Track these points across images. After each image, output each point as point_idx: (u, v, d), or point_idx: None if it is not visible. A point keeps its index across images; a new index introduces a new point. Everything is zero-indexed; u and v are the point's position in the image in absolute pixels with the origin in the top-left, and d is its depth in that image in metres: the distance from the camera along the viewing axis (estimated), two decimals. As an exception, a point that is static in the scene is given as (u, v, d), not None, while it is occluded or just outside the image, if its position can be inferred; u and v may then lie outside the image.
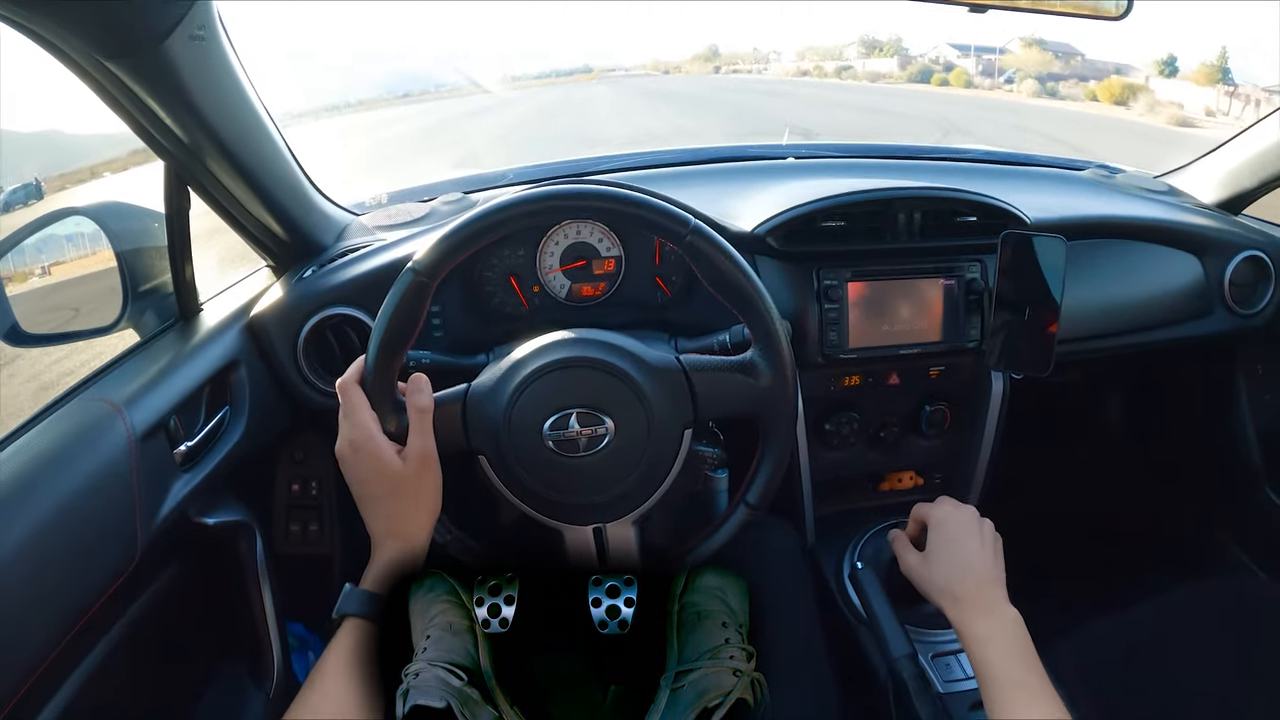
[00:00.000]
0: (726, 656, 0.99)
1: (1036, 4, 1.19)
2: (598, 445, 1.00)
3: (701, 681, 0.96)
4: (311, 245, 1.44)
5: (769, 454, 1.07)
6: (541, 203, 0.99)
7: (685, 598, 1.09)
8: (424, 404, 0.97)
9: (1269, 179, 1.78)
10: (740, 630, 1.06)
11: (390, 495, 0.97)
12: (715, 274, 1.00)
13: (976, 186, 1.49)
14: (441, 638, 1.02)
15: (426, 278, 0.95)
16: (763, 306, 1.00)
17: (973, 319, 1.44)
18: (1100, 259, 1.61)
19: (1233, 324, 1.73)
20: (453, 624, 1.04)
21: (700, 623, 1.05)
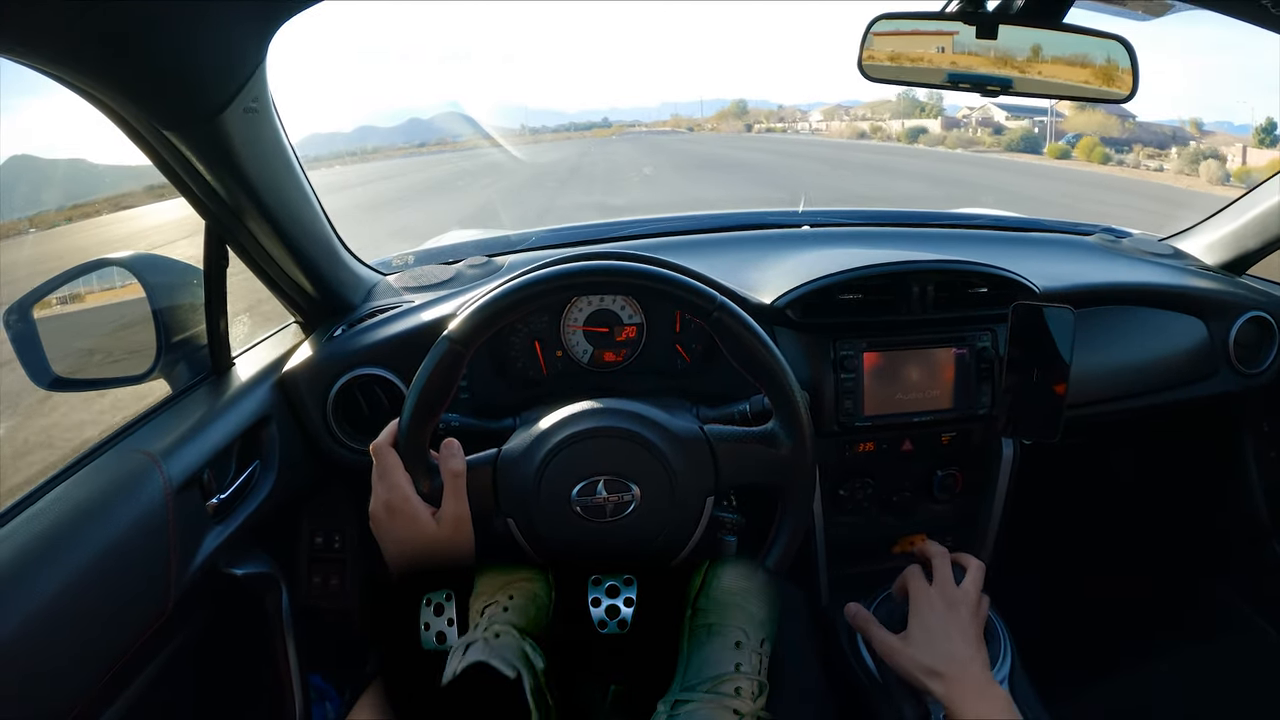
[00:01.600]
0: (731, 690, 0.96)
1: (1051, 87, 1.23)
2: (624, 511, 1.04)
3: (695, 715, 0.94)
4: (341, 304, 1.47)
5: (787, 521, 1.10)
6: (576, 278, 1.03)
7: (700, 602, 1.07)
8: (458, 468, 1.00)
9: (1272, 240, 1.82)
10: (759, 649, 1.02)
11: (425, 556, 0.99)
12: (739, 349, 1.03)
13: (986, 254, 1.53)
14: (526, 606, 1.02)
15: (462, 347, 0.99)
16: (785, 381, 1.04)
17: (984, 387, 1.47)
18: (1107, 324, 1.64)
19: (1238, 384, 1.76)
20: (537, 595, 1.04)
21: (711, 639, 1.02)
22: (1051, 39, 1.20)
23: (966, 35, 1.19)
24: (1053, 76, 1.21)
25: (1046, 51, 1.20)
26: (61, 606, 0.86)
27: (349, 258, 1.53)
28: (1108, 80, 1.22)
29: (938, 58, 1.22)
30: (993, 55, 1.20)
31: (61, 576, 0.87)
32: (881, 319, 1.45)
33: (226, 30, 0.90)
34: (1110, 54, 1.22)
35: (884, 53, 1.21)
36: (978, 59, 1.21)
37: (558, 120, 78.39)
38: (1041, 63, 1.21)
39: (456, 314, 1.01)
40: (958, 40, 1.20)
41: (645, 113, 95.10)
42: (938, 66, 1.22)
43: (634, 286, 1.07)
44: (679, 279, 1.03)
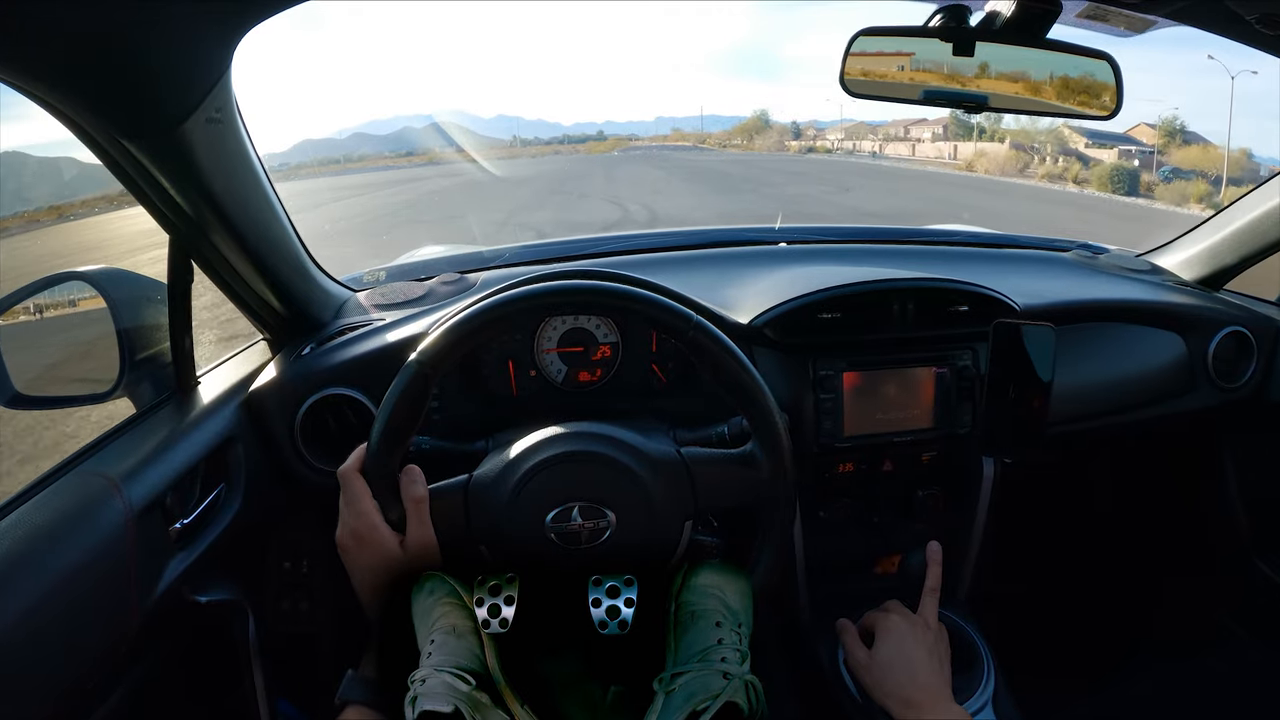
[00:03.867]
0: (718, 658, 0.99)
1: (1029, 104, 1.22)
2: (600, 537, 1.01)
3: (691, 684, 0.96)
4: (310, 321, 1.44)
5: (768, 544, 1.08)
6: (548, 298, 1.01)
7: (682, 596, 1.08)
8: (419, 494, 0.98)
9: (1249, 255, 1.83)
10: (739, 630, 1.05)
11: (390, 581, 0.98)
12: (717, 369, 1.01)
13: (965, 271, 1.52)
14: (445, 641, 1.01)
15: (431, 369, 0.97)
16: (764, 402, 1.02)
17: (964, 405, 1.46)
18: (1085, 341, 1.64)
19: (1217, 398, 1.76)
20: (456, 626, 1.04)
21: (695, 622, 1.04)
22: (1035, 56, 1.20)
23: (949, 52, 1.19)
24: (1037, 94, 1.21)
25: (1030, 68, 1.20)
26: (17, 637, 0.83)
27: (318, 273, 1.49)
28: (1092, 98, 1.22)
29: (922, 74, 1.21)
30: (976, 72, 1.20)
31: (16, 605, 0.84)
32: (861, 338, 1.44)
33: (188, 39, 0.87)
34: (1094, 71, 1.22)
35: (867, 68, 1.20)
36: (961, 75, 1.20)
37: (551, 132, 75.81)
38: (1025, 79, 1.21)
39: (427, 334, 0.99)
40: (941, 57, 1.19)
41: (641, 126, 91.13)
42: (922, 83, 1.21)
43: (608, 306, 1.04)
44: (654, 298, 1.01)
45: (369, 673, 0.97)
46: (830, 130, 72.93)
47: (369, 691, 0.95)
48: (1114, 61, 1.19)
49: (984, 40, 1.18)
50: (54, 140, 1.41)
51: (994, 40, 1.18)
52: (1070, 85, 1.21)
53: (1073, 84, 1.21)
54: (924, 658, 1.13)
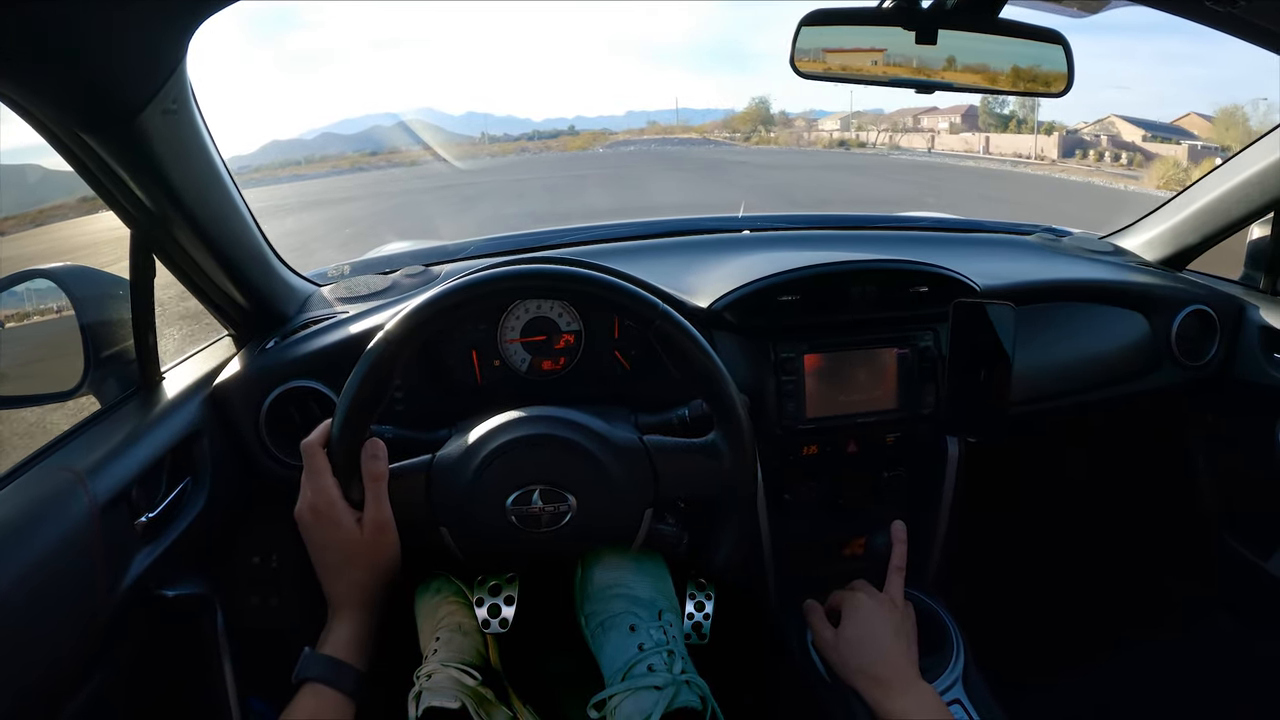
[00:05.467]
0: (643, 669, 0.98)
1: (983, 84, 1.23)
2: (560, 521, 1.02)
3: (623, 707, 0.95)
4: (274, 315, 1.44)
5: (727, 533, 1.10)
6: (515, 281, 1.01)
7: (586, 608, 1.09)
8: (378, 471, 0.98)
9: (1211, 235, 1.85)
10: (659, 622, 1.05)
11: (348, 562, 0.98)
12: (681, 358, 1.02)
13: (928, 255, 1.53)
14: (451, 638, 1.04)
15: (397, 347, 0.97)
16: (726, 391, 1.02)
17: (927, 386, 1.48)
18: (1048, 322, 1.65)
19: (1181, 377, 1.78)
20: (462, 624, 1.06)
21: (606, 634, 1.04)
22: (988, 37, 1.20)
23: (901, 33, 1.19)
24: (990, 73, 1.22)
25: (982, 49, 1.21)
26: None
27: (282, 268, 1.49)
28: (1044, 77, 1.23)
29: (871, 56, 1.21)
30: (928, 53, 1.20)
31: None
32: (822, 320, 1.45)
33: (142, 29, 0.87)
34: (1046, 51, 1.22)
35: (817, 51, 1.20)
36: (913, 57, 1.20)
37: (521, 128, 68.10)
38: (979, 59, 1.21)
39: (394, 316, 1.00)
40: (892, 38, 1.20)
41: (613, 121, 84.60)
42: (872, 65, 1.21)
43: (575, 292, 1.05)
44: (621, 285, 1.02)
45: (328, 650, 0.96)
46: (825, 120, 65.53)
47: (328, 669, 0.94)
48: (1065, 41, 1.20)
49: (937, 22, 1.18)
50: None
51: (947, 21, 1.18)
52: (1023, 65, 1.22)
53: (1026, 63, 1.22)
54: (890, 635, 1.14)
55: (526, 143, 66.05)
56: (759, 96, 56.91)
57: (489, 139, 61.76)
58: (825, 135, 59.35)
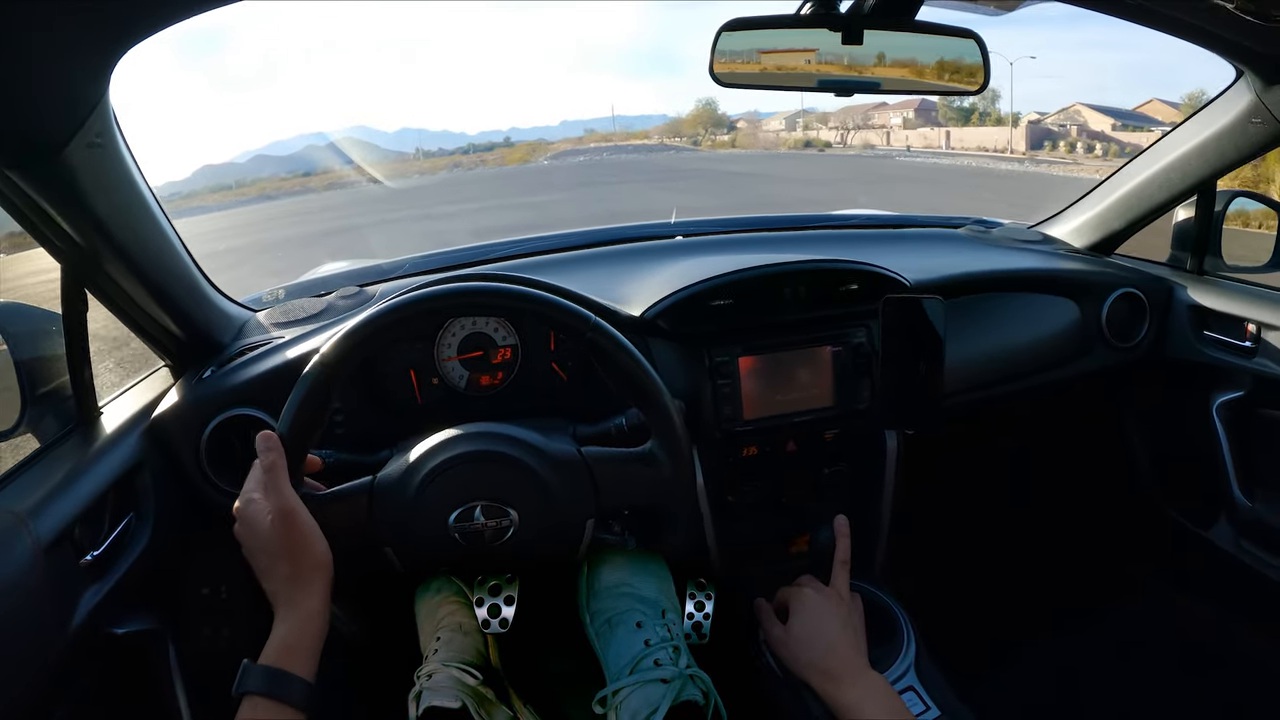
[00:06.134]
0: (650, 663, 1.01)
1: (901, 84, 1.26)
2: (503, 536, 1.03)
3: (631, 700, 0.98)
4: (210, 344, 1.43)
5: (668, 538, 1.12)
6: (446, 299, 1.02)
7: (592, 605, 1.12)
8: (269, 461, 0.97)
9: (1136, 219, 1.90)
10: (664, 619, 1.08)
11: (270, 558, 0.95)
12: (614, 369, 1.03)
13: (859, 252, 1.56)
14: (452, 638, 1.06)
15: (332, 370, 0.97)
16: (660, 400, 1.04)
17: (862, 382, 1.49)
18: (981, 312, 1.69)
19: (1114, 359, 1.83)
20: (462, 624, 1.08)
21: (614, 631, 1.07)
22: (904, 37, 1.23)
23: (819, 37, 1.21)
24: (906, 74, 1.24)
25: (899, 50, 1.23)
26: None
27: (216, 295, 1.48)
28: (960, 75, 1.25)
29: (792, 62, 1.23)
30: (847, 57, 1.22)
31: None
32: (755, 323, 1.46)
33: (61, 66, 0.86)
34: (961, 49, 1.25)
35: (737, 59, 1.21)
36: (832, 60, 1.22)
37: (456, 142, 62.52)
38: (895, 61, 1.24)
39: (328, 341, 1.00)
40: (811, 43, 1.21)
41: (548, 131, 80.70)
42: (792, 70, 1.23)
43: (506, 308, 1.06)
44: (552, 299, 1.03)
45: (268, 660, 0.92)
46: (769, 120, 62.26)
47: (267, 680, 0.90)
48: (980, 39, 1.23)
49: (855, 25, 1.20)
50: None
51: (865, 24, 1.20)
52: (941, 63, 1.24)
53: (943, 62, 1.24)
54: (838, 628, 1.16)
55: (460, 157, 58.42)
56: (705, 99, 52.44)
57: (423, 154, 56.34)
58: (789, 137, 56.39)
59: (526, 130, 68.11)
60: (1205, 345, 1.83)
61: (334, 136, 72.83)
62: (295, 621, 0.94)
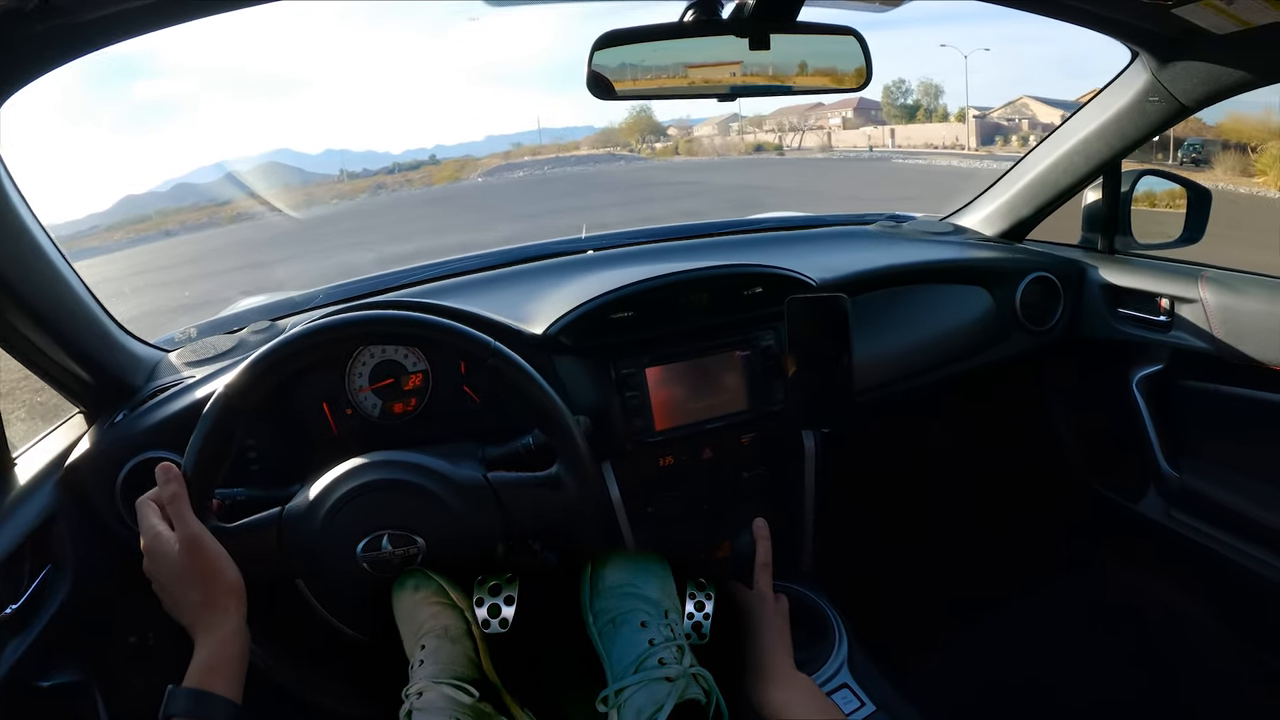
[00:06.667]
0: (655, 662, 1.01)
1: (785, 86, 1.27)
2: (411, 564, 1.04)
3: (635, 698, 0.97)
4: (122, 387, 1.41)
5: (585, 556, 1.14)
6: (347, 329, 1.04)
7: (596, 605, 1.11)
8: (170, 491, 0.98)
9: (1044, 205, 1.95)
10: (668, 620, 1.08)
11: (181, 587, 0.96)
12: (518, 393, 1.05)
13: (769, 255, 1.57)
14: (439, 647, 1.02)
15: (238, 400, 0.99)
16: (562, 422, 1.06)
17: (775, 384, 1.50)
18: (895, 306, 1.71)
19: (1031, 342, 1.86)
20: (448, 629, 1.05)
21: (618, 630, 1.06)
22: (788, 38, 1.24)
23: (702, 44, 1.22)
24: (792, 74, 1.26)
25: (782, 52, 1.24)
26: None
27: (125, 338, 1.46)
28: (843, 73, 1.27)
29: (674, 71, 1.22)
30: (730, 61, 1.23)
31: None
32: (661, 333, 1.47)
33: None
34: (843, 48, 1.27)
35: (615, 71, 1.20)
36: (716, 65, 1.23)
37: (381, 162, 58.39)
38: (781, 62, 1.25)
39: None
40: (694, 50, 1.22)
41: (474, 147, 77.99)
42: (676, 79, 1.23)
43: (412, 336, 1.07)
44: (451, 326, 1.05)
45: (191, 683, 0.92)
46: (701, 126, 59.99)
47: (191, 702, 0.90)
48: (860, 36, 1.24)
49: (737, 29, 1.21)
50: None
51: (747, 28, 1.21)
52: (824, 63, 1.26)
53: (826, 62, 1.26)
54: (763, 630, 1.16)
55: (384, 177, 53.55)
56: (641, 106, 50.06)
57: (348, 176, 52.76)
58: (739, 141, 54.06)
59: (452, 147, 63.84)
60: (1120, 323, 1.86)
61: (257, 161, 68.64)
62: (214, 644, 0.94)
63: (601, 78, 1.22)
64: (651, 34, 1.22)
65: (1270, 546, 1.68)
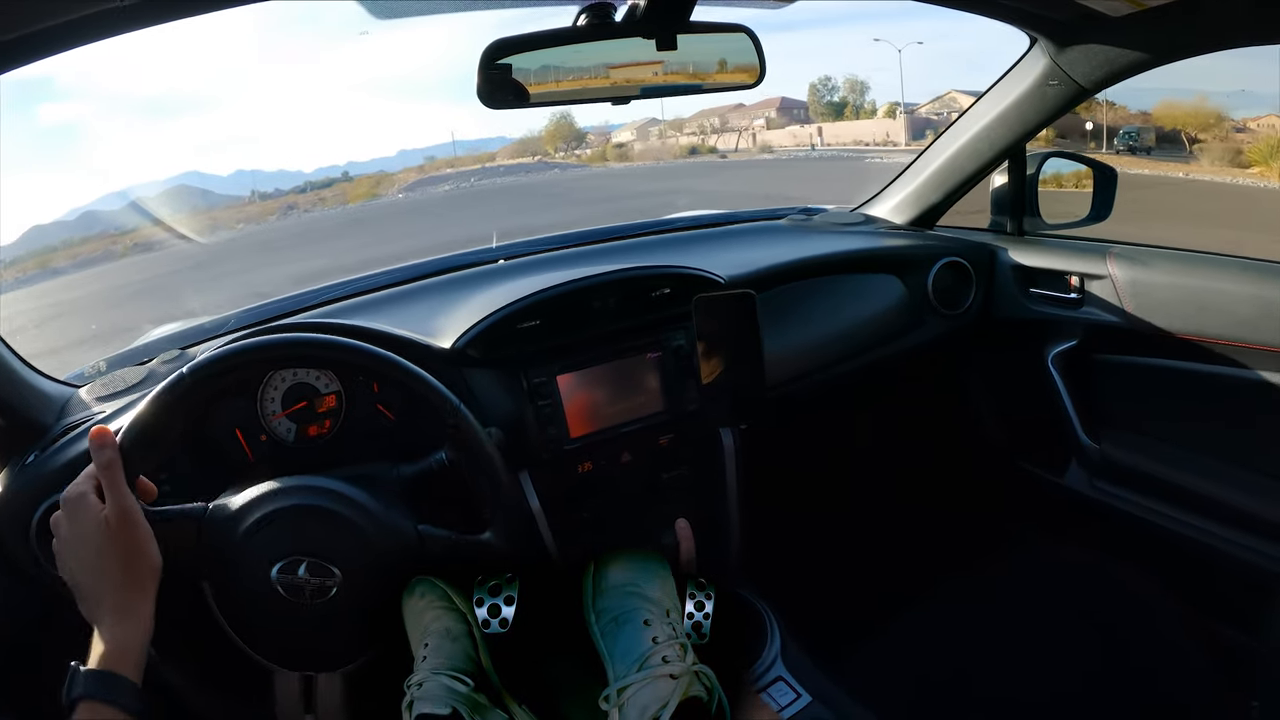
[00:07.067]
0: (658, 660, 1.01)
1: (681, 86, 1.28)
2: (324, 595, 1.03)
3: (639, 696, 0.98)
4: (32, 427, 1.36)
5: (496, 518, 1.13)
6: (238, 357, 1.06)
7: (598, 604, 1.12)
8: (105, 459, 0.93)
9: (952, 191, 1.99)
10: (669, 619, 1.09)
11: (99, 558, 0.91)
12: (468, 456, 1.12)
13: (681, 255, 1.58)
14: (440, 645, 1.05)
15: (194, 390, 1.01)
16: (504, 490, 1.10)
17: (688, 383, 1.51)
18: (807, 299, 1.73)
19: (946, 326, 1.90)
20: (450, 629, 1.07)
21: (621, 628, 1.07)
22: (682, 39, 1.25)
23: (597, 49, 1.21)
24: (686, 74, 1.27)
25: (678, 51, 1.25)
26: None
27: (33, 376, 1.42)
28: (738, 70, 1.28)
29: (569, 76, 1.22)
30: (626, 65, 1.23)
31: None
32: (570, 339, 1.46)
33: None
34: (737, 45, 1.28)
35: (507, 80, 1.18)
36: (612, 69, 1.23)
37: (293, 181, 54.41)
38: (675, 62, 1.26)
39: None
40: (589, 55, 1.22)
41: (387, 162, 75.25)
42: (570, 85, 1.23)
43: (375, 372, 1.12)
44: (426, 379, 1.11)
45: (95, 664, 0.87)
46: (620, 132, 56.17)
47: (97, 684, 0.85)
48: (752, 33, 1.26)
49: (630, 31, 1.21)
50: None
51: (641, 30, 1.21)
52: (718, 61, 1.27)
53: (720, 60, 1.28)
54: None
55: (295, 197, 47.45)
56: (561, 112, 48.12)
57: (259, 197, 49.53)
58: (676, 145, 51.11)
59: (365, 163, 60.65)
60: (1033, 302, 1.91)
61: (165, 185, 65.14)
62: (129, 627, 0.90)
63: (493, 86, 1.20)
64: (546, 40, 1.21)
65: (1191, 508, 1.73)
